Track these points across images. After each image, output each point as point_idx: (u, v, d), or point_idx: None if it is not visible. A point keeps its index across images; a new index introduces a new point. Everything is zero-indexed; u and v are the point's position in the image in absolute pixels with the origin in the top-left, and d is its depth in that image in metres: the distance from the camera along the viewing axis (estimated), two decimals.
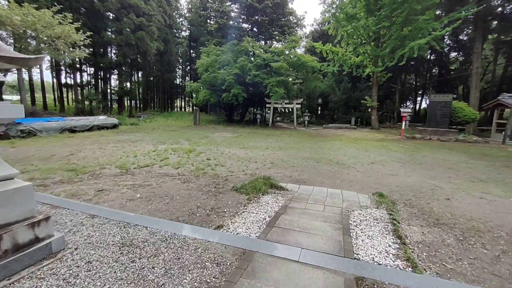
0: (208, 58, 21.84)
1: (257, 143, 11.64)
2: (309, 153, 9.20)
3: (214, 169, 6.50)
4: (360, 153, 9.66)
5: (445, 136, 14.27)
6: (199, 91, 22.67)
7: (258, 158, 8.07)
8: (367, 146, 11.64)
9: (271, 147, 10.36)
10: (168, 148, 9.19)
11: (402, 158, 8.75)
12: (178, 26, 34.64)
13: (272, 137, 14.23)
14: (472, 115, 14.60)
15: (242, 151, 9.19)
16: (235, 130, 17.44)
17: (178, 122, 23.17)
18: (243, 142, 11.78)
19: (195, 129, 17.72)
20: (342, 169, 6.96)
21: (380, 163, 7.84)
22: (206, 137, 13.25)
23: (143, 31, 21.76)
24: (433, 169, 7.29)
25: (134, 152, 8.26)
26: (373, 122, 20.75)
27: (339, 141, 13.07)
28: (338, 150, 10.23)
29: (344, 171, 6.75)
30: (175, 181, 5.37)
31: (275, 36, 22.54)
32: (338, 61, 20.94)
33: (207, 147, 9.92)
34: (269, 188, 4.98)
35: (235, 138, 13.05)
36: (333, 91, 25.41)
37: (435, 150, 10.75)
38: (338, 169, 6.95)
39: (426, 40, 15.27)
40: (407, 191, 5.20)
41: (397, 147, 11.41)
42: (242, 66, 19.86)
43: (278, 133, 16.67)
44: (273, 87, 18.59)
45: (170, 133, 14.68)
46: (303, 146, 10.92)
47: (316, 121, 27.47)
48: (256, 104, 26.20)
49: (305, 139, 13.78)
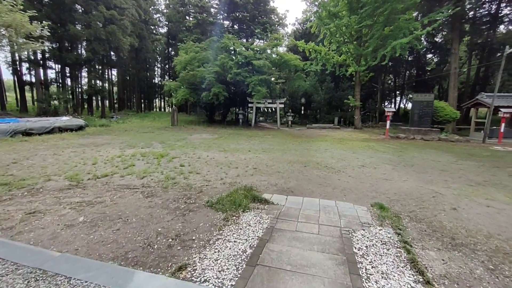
0: (186, 55, 20.64)
1: (239, 145, 10.78)
2: (295, 156, 8.49)
3: (188, 177, 5.56)
4: (348, 154, 9.11)
5: (428, 136, 14.25)
6: (177, 90, 21.39)
7: (239, 162, 7.21)
8: (354, 146, 11.18)
9: (254, 150, 9.54)
10: (137, 153, 8.07)
11: (392, 160, 8.28)
12: (154, 22, 32.85)
13: (255, 138, 13.43)
14: (453, 114, 14.74)
15: (222, 155, 8.28)
16: (215, 131, 16.45)
17: (155, 123, 21.70)
18: (224, 144, 10.86)
19: (172, 130, 16.50)
20: (332, 173, 6.29)
21: (371, 166, 7.28)
22: (183, 139, 12.17)
23: (114, 25, 20.07)
24: (426, 171, 6.83)
25: (94, 159, 7.08)
26: (356, 121, 20.63)
27: (325, 142, 12.54)
28: (324, 151, 9.62)
29: (335, 176, 6.07)
30: (136, 196, 4.38)
31: (257, 34, 21.82)
32: (321, 60, 20.61)
33: (182, 150, 8.90)
34: (251, 202, 4.14)
35: (215, 140, 12.10)
36: (316, 91, 25.13)
37: (421, 150, 10.49)
38: (327, 174, 6.26)
39: (408, 40, 15.23)
40: (408, 200, 4.59)
41: (384, 148, 11.05)
42: (222, 63, 18.90)
43: (261, 134, 15.91)
44: (255, 86, 17.81)
45: (144, 135, 13.41)
46: (288, 148, 10.21)
47: (299, 121, 27.07)
48: (238, 103, 25.25)
49: (290, 140, 13.13)
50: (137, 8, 24.44)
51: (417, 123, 15.07)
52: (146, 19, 29.12)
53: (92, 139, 11.19)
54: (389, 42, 16.22)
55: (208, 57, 19.86)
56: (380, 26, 16.47)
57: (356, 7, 16.82)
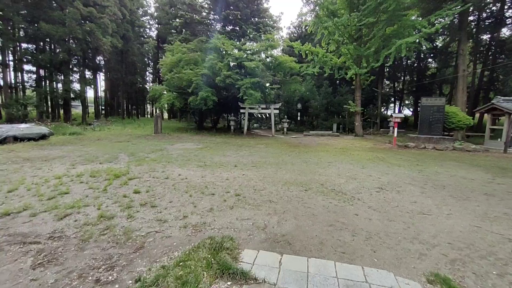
0: (173, 56, 18.94)
1: (224, 157, 8.98)
2: (292, 173, 6.73)
3: (134, 215, 3.73)
4: (357, 170, 7.39)
5: (440, 144, 12.68)
6: (163, 95, 19.62)
7: (218, 185, 5.41)
8: (361, 158, 9.48)
9: (241, 164, 7.75)
10: (87, 171, 6.20)
11: (414, 178, 6.57)
12: (141, 23, 31.13)
13: (245, 148, 11.65)
14: (466, 121, 13.25)
15: (199, 173, 6.47)
16: (202, 140, 14.64)
17: (138, 130, 19.79)
18: (207, 156, 9.05)
19: (154, 139, 14.63)
20: (344, 203, 4.53)
21: (392, 188, 5.55)
22: (160, 150, 10.32)
23: (93, 23, 18.32)
24: (467, 196, 5.12)
25: (19, 182, 5.20)
26: (357, 128, 19.05)
27: (326, 152, 10.83)
28: (328, 166, 7.88)
29: (349, 208, 4.31)
30: (20, 263, 2.53)
31: (249, 34, 20.31)
32: (319, 62, 19.11)
33: (151, 166, 7.06)
34: (217, 279, 2.33)
35: (198, 151, 10.28)
36: (313, 96, 23.62)
37: (441, 163, 8.83)
38: (338, 204, 4.50)
39: (415, 38, 13.83)
40: (477, 259, 2.83)
41: (396, 159, 9.37)
42: (211, 65, 17.24)
43: (253, 142, 14.14)
44: (247, 89, 16.14)
45: (116, 145, 11.53)
46: (284, 161, 8.44)
47: (295, 128, 25.44)
48: (231, 109, 23.53)
49: (285, 150, 11.39)
50: (120, 7, 22.79)
51: (427, 130, 13.52)
52: (133, 20, 27.46)
53: (48, 151, 9.26)
54: (393, 42, 14.79)
55: (196, 58, 18.20)
56: (383, 24, 15.07)
57: (357, 3, 15.44)
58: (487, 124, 13.76)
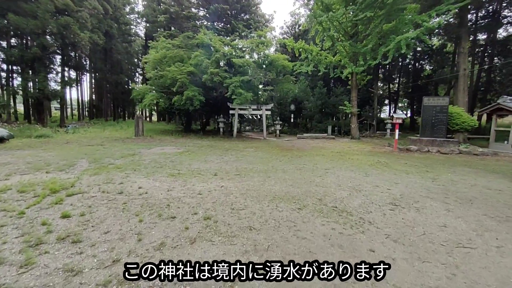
0: (157, 53, 17.60)
1: (205, 163, 7.69)
2: (283, 184, 5.50)
3: (32, 262, 2.41)
4: (360, 178, 6.21)
5: (444, 147, 11.68)
6: (147, 95, 18.23)
7: (185, 203, 4.13)
8: (361, 163, 8.33)
9: (223, 172, 6.48)
10: (18, 184, 4.83)
11: (429, 189, 5.43)
12: (127, 20, 29.52)
13: (232, 152, 10.38)
14: (471, 122, 12.32)
15: (167, 185, 5.17)
16: (186, 143, 13.31)
17: (119, 132, 18.30)
18: (184, 162, 7.75)
19: (133, 142, 13.23)
20: (352, 230, 3.31)
21: (409, 204, 4.37)
22: (133, 154, 8.95)
23: (70, 16, 16.83)
24: (507, 216, 3.98)
25: None
26: (353, 131, 18.00)
27: (322, 157, 9.66)
28: (325, 174, 6.68)
29: (360, 239, 3.09)
30: None
31: (239, 30, 19.14)
32: (313, 61, 18.06)
33: (109, 176, 5.71)
34: None
35: (176, 156, 8.96)
36: (307, 97, 22.55)
37: (453, 169, 7.75)
38: (344, 231, 3.27)
39: (416, 34, 12.87)
40: None
41: (401, 165, 8.26)
42: (198, 63, 15.98)
43: (242, 146, 12.87)
44: (236, 88, 14.92)
45: (83, 149, 10.09)
46: (274, 168, 7.21)
47: (288, 130, 24.32)
48: (221, 110, 22.26)
49: (277, 154, 10.16)
50: (103, 2, 21.32)
51: (430, 132, 12.54)
52: (117, 16, 25.96)
53: None
54: (391, 38, 13.84)
55: (181, 55, 16.91)
56: (380, 19, 14.11)
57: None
58: (492, 126, 12.87)
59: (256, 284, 2.17)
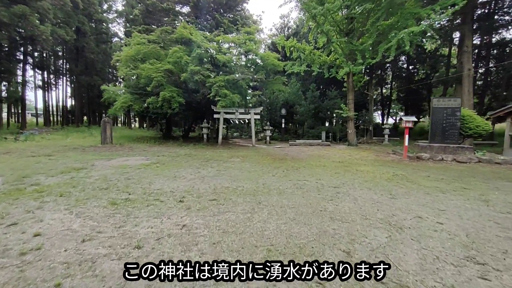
0: (130, 49, 15.50)
1: (173, 181, 5.67)
2: (281, 218, 3.57)
3: None
4: (386, 202, 4.39)
5: (460, 155, 10.19)
6: (119, 96, 16.02)
7: (98, 276, 2.10)
8: (376, 178, 6.56)
9: (193, 196, 4.48)
10: None
11: (498, 221, 3.66)
12: (102, 17, 27.07)
13: (212, 163, 8.40)
14: (485, 126, 10.99)
15: (90, 225, 3.14)
16: (160, 152, 11.20)
17: (84, 140, 15.90)
18: (144, 180, 5.69)
19: (94, 151, 10.98)
20: None
21: (497, 259, 2.55)
22: (80, 169, 6.80)
23: (26, 6, 14.49)
24: None
25: None
26: (350, 136, 16.43)
27: (323, 169, 7.85)
28: (337, 195, 4.83)
29: None
30: None
31: (224, 25, 17.40)
32: (306, 60, 16.51)
33: (7, 208, 3.60)
34: None
35: (138, 170, 6.87)
36: (299, 100, 20.95)
37: (492, 184, 6.10)
38: None
39: (421, 28, 11.53)
40: None
41: (425, 179, 6.56)
42: (177, 60, 14.02)
43: (226, 155, 10.89)
44: (221, 88, 13.03)
45: (20, 161, 7.82)
46: (266, 187, 5.28)
47: (279, 136, 22.53)
48: (206, 115, 20.23)
49: (268, 165, 8.26)
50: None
51: (440, 137, 11.06)
52: (91, 12, 23.64)
53: None
54: (393, 34, 12.46)
55: (158, 51, 14.90)
56: (381, 13, 12.72)
57: None
58: (507, 131, 11.59)
59: (256, 284, 2.02)
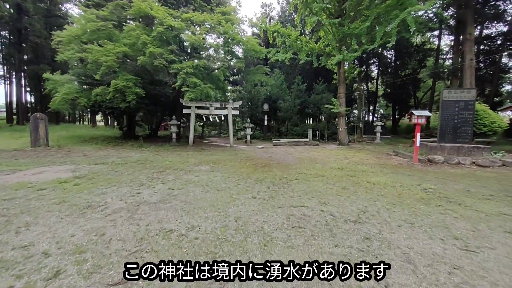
0: (76, 28, 12.41)
1: (78, 217, 3.14)
2: None
3: None
4: (469, 265, 2.22)
5: (477, 156, 8.52)
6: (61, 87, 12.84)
7: None
8: (405, 200, 4.47)
9: (79, 266, 2.01)
10: None
11: None
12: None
13: (168, 175, 5.90)
14: (501, 123, 9.50)
15: None
16: (107, 157, 8.47)
17: (16, 140, 12.63)
18: (28, 214, 3.09)
19: (11, 157, 8.03)
20: None
21: None
22: None
23: None
24: None
25: None
26: (341, 135, 14.52)
27: (323, 181, 5.65)
28: (368, 248, 2.61)
29: None
30: None
31: (195, 3, 14.71)
32: (291, 47, 14.32)
33: None
34: None
35: (43, 191, 4.24)
36: (283, 94, 18.80)
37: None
38: None
39: (429, 5, 9.74)
40: None
41: (472, 198, 4.57)
42: (134, 41, 11.24)
43: (193, 160, 8.39)
44: (189, 76, 10.48)
45: None
46: (238, 231, 2.93)
47: (261, 135, 20.30)
48: (176, 110, 17.41)
49: (247, 178, 5.92)
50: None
51: (452, 136, 9.34)
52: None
53: None
54: (393, 15, 10.59)
55: (110, 31, 11.95)
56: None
57: None
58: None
59: (256, 284, 1.98)
